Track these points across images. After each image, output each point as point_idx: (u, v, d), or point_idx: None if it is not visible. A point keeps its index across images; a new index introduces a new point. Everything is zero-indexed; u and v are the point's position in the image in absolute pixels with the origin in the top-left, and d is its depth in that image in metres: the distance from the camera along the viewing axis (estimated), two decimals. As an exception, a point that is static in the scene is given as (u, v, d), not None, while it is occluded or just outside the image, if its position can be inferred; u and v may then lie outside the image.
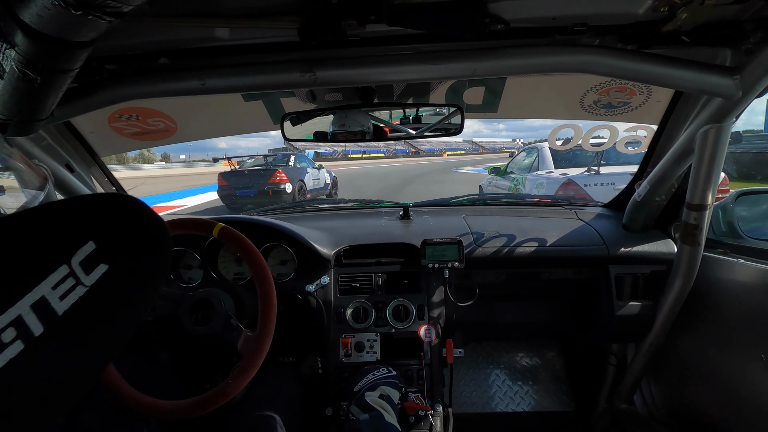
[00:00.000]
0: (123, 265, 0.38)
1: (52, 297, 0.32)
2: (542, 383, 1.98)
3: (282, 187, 9.41)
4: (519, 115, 1.72)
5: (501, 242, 1.52)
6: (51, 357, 0.32)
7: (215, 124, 1.74)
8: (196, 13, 0.78)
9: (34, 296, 0.31)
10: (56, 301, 0.33)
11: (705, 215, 1.18)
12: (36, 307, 0.31)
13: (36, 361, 0.31)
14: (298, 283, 1.44)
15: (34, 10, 0.52)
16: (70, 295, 0.33)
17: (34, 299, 0.31)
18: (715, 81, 0.91)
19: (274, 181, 9.41)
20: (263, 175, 9.57)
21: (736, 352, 1.23)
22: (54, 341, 0.32)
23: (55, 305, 0.32)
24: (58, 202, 0.38)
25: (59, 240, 0.35)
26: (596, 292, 1.53)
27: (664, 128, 1.42)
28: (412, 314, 1.43)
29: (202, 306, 1.13)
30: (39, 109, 0.83)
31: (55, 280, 0.33)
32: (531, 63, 0.95)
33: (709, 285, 1.30)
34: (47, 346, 0.31)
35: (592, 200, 1.97)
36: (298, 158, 10.96)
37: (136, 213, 0.42)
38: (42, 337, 0.31)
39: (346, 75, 0.99)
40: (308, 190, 10.54)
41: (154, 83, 1.00)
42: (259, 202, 9.02)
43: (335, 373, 1.39)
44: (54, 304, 0.32)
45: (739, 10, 0.80)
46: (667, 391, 1.57)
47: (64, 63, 0.66)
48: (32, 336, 0.30)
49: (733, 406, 1.24)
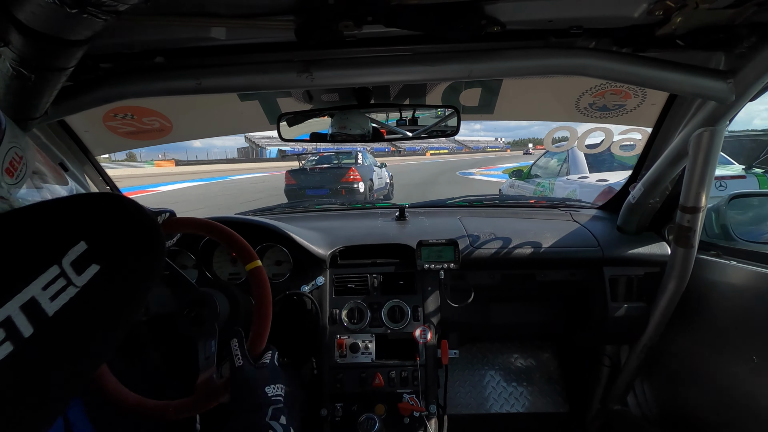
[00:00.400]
0: (115, 266, 0.37)
1: (43, 298, 0.32)
2: (537, 384, 1.99)
3: (355, 186, 8.87)
4: (515, 116, 1.72)
5: (496, 243, 1.52)
6: (41, 358, 0.31)
7: (211, 124, 1.73)
8: (193, 12, 0.78)
9: (23, 297, 0.31)
10: (47, 302, 0.32)
11: (698, 217, 1.19)
12: (26, 308, 0.31)
13: (25, 362, 0.30)
14: (294, 284, 1.43)
15: (29, 7, 0.52)
16: (60, 295, 0.33)
17: (24, 300, 0.31)
18: (709, 84, 0.92)
19: (347, 179, 8.86)
20: (336, 173, 8.96)
21: (728, 353, 1.23)
22: (44, 342, 0.31)
23: (45, 306, 0.32)
24: (50, 202, 0.37)
25: (50, 240, 0.35)
26: (590, 293, 1.54)
27: (659, 131, 1.43)
28: (407, 315, 1.43)
29: (196, 306, 1.13)
30: (33, 108, 0.82)
31: (46, 280, 0.32)
32: (527, 65, 0.95)
33: (703, 287, 1.31)
34: (37, 347, 0.31)
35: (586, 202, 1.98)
36: (364, 155, 10.29)
37: (128, 213, 0.41)
38: (32, 339, 0.30)
39: (343, 76, 0.99)
40: (374, 189, 9.94)
41: (150, 82, 0.99)
42: (330, 202, 8.29)
43: (330, 374, 1.39)
44: (44, 305, 0.32)
45: (733, 14, 0.81)
46: (660, 392, 1.58)
47: (59, 61, 0.65)
48: (22, 337, 0.30)
49: (726, 407, 1.25)
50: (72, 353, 0.34)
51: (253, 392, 0.83)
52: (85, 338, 0.35)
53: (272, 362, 0.90)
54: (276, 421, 0.80)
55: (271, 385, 0.84)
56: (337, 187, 8.81)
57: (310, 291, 1.43)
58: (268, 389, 0.83)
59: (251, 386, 0.84)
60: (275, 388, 0.84)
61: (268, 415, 0.80)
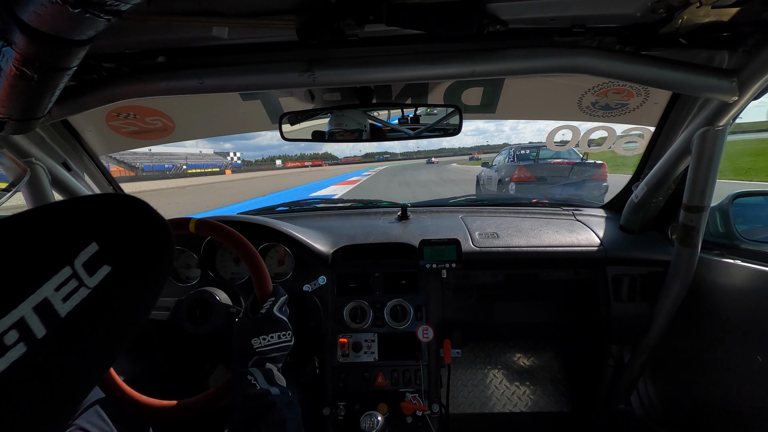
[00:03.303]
0: (126, 266, 0.38)
1: (55, 299, 0.32)
2: (540, 384, 1.98)
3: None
4: (517, 115, 1.72)
5: (499, 243, 1.52)
6: (54, 359, 0.31)
7: (213, 124, 1.74)
8: (195, 11, 0.78)
9: (36, 298, 0.31)
10: (59, 303, 0.32)
11: (702, 217, 1.19)
12: (39, 309, 0.31)
13: (39, 363, 0.30)
14: (296, 283, 1.43)
15: (32, 7, 0.52)
16: (73, 296, 0.33)
17: (37, 301, 0.31)
18: (713, 83, 0.92)
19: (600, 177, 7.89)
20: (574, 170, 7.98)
21: (732, 352, 1.23)
22: (57, 343, 0.32)
23: (58, 307, 0.32)
24: (60, 203, 0.38)
25: (62, 241, 0.35)
26: (593, 293, 1.53)
27: (662, 130, 1.43)
28: (409, 314, 1.43)
29: (198, 306, 1.13)
30: (36, 107, 0.83)
31: (58, 281, 0.33)
32: (529, 64, 0.95)
33: (706, 286, 1.31)
34: (50, 348, 0.31)
35: (588, 201, 1.98)
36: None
37: (139, 213, 0.41)
38: (45, 340, 0.31)
39: (345, 75, 0.99)
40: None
41: (153, 82, 1.00)
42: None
43: (333, 374, 1.39)
44: (57, 306, 0.32)
45: (737, 13, 0.80)
46: (664, 392, 1.58)
47: (62, 61, 0.66)
48: (35, 338, 0.30)
49: (730, 406, 1.24)
50: (84, 354, 0.34)
51: (241, 343, 0.86)
52: (96, 339, 0.35)
53: (268, 312, 0.90)
54: (259, 368, 0.82)
55: (260, 336, 0.86)
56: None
57: (313, 290, 1.43)
58: (254, 340, 0.85)
59: (240, 338, 0.87)
60: (264, 338, 0.86)
61: (250, 363, 0.83)
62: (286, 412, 0.75)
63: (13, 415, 0.29)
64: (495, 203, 2.00)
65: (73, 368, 0.33)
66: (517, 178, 8.57)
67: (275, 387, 0.79)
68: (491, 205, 1.96)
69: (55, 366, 0.32)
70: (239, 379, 0.80)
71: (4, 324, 0.29)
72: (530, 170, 8.59)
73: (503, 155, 10.08)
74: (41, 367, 0.31)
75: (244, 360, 0.83)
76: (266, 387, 0.79)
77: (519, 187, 8.54)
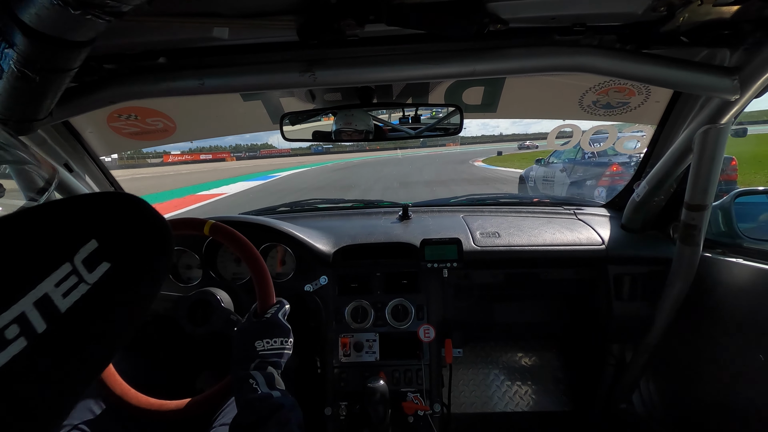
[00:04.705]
0: (126, 264, 0.38)
1: (55, 294, 0.32)
2: (541, 383, 1.98)
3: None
4: (518, 114, 1.72)
5: (500, 242, 1.52)
6: (54, 354, 0.32)
7: (214, 124, 1.74)
8: (195, 12, 0.78)
9: (37, 293, 0.31)
10: (59, 298, 0.33)
11: (704, 215, 1.19)
12: (39, 304, 0.31)
13: (39, 358, 0.31)
14: (297, 283, 1.43)
15: (33, 9, 0.52)
16: (72, 292, 0.33)
17: (37, 296, 0.31)
18: (714, 81, 0.91)
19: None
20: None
21: (734, 351, 1.23)
22: (57, 338, 0.32)
23: (58, 303, 0.32)
24: (61, 201, 0.38)
25: (62, 238, 0.35)
26: (595, 292, 1.53)
27: (663, 128, 1.42)
28: (411, 314, 1.43)
29: (200, 306, 1.13)
30: (37, 109, 0.83)
31: (58, 277, 0.33)
32: (530, 63, 0.95)
33: (708, 285, 1.30)
34: (50, 343, 0.31)
35: (592, 200, 1.98)
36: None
37: (138, 211, 0.42)
38: (45, 334, 0.31)
39: (346, 75, 0.99)
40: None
41: (153, 83, 1.00)
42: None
43: (334, 374, 1.39)
44: (57, 302, 0.32)
45: (738, 11, 0.80)
46: (665, 391, 1.57)
47: (63, 62, 0.66)
48: (35, 333, 0.31)
49: (732, 406, 1.24)
50: (83, 348, 0.34)
51: (243, 346, 0.86)
52: (96, 334, 0.36)
53: (273, 317, 0.91)
54: (260, 371, 0.82)
55: (263, 339, 0.86)
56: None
57: (314, 290, 1.43)
58: (258, 343, 0.86)
59: (242, 340, 0.87)
60: (268, 341, 0.87)
61: (252, 365, 0.83)
62: (291, 415, 0.76)
63: (13, 409, 0.29)
64: (496, 203, 2.00)
65: (72, 363, 0.33)
66: (609, 179, 6.09)
67: (276, 391, 0.80)
68: (492, 205, 1.96)
69: (56, 360, 0.32)
70: (240, 381, 0.81)
71: (5, 318, 0.29)
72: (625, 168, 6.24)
73: (568, 151, 7.79)
74: (42, 362, 0.31)
75: (246, 363, 0.84)
76: (267, 391, 0.79)
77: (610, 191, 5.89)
